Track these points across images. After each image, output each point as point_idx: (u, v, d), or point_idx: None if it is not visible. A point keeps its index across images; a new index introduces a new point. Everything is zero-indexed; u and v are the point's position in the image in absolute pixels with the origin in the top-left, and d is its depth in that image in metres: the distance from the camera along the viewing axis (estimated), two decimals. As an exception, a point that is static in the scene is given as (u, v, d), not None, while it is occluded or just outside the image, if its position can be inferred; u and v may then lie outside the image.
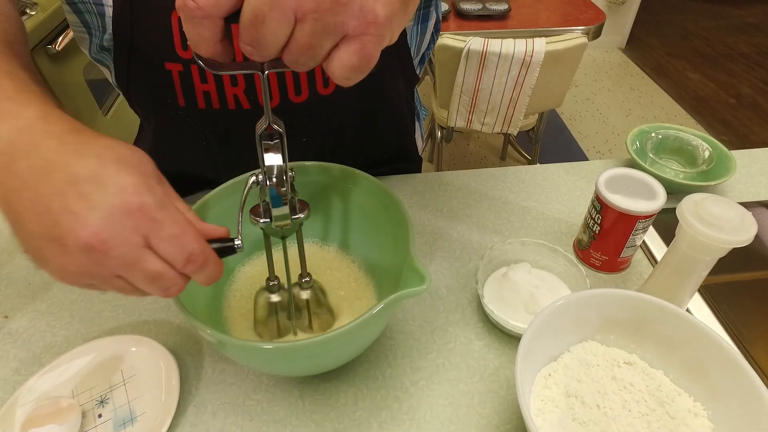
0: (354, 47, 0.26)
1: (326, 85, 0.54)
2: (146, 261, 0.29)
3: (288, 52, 0.26)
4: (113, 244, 0.28)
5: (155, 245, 0.29)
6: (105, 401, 0.44)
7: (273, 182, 0.33)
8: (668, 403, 0.39)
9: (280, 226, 0.37)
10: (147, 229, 0.29)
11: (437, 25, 0.65)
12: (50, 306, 0.53)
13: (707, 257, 0.42)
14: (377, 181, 0.48)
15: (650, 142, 0.69)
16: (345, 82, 0.27)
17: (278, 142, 0.33)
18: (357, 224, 0.52)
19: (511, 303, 0.50)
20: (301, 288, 0.44)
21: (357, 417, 0.44)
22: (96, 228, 0.27)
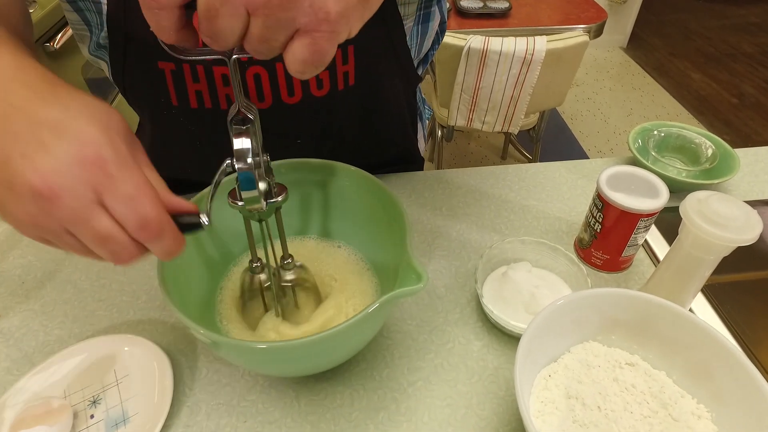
0: (305, 42, 0.26)
1: (320, 86, 0.53)
2: (95, 218, 0.27)
3: (246, 42, 0.26)
4: (62, 194, 0.26)
5: (108, 204, 0.28)
6: (97, 402, 0.44)
7: (242, 165, 0.33)
8: (671, 405, 0.38)
9: (253, 209, 0.36)
10: (101, 185, 0.27)
11: (442, 25, 0.64)
12: (43, 305, 0.52)
13: (711, 256, 0.42)
14: (373, 177, 0.47)
15: (652, 140, 0.68)
16: (300, 75, 0.27)
17: (249, 126, 0.33)
18: (357, 221, 0.51)
19: (510, 303, 0.49)
20: (285, 269, 0.43)
21: (353, 418, 0.43)
22: (47, 175, 0.26)
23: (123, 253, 0.29)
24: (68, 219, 0.27)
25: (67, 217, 0.27)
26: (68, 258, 0.58)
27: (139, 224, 0.28)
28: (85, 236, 0.28)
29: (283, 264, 0.43)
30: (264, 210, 0.37)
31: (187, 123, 0.55)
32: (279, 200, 0.38)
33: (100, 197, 0.27)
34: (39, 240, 0.30)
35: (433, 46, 0.65)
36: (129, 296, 0.53)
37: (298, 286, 0.44)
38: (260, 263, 0.43)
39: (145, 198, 0.28)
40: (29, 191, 0.26)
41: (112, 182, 0.28)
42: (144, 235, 0.29)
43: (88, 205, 0.27)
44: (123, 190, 0.28)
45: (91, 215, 0.27)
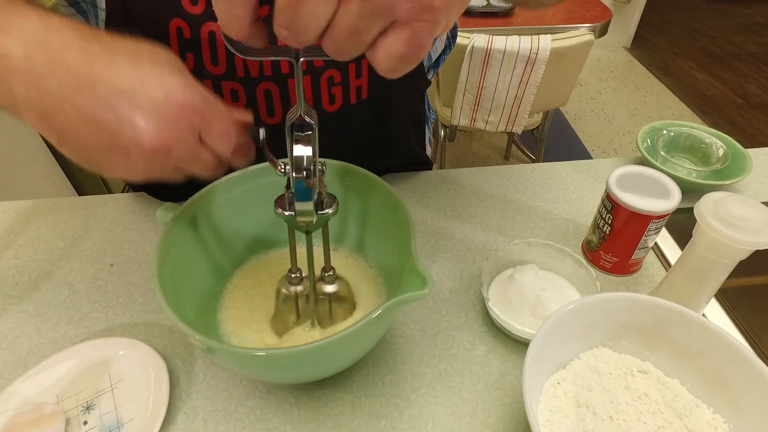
0: (404, 35, 0.23)
1: (332, 101, 0.52)
2: (202, 156, 0.32)
3: (329, 38, 0.23)
4: (174, 145, 0.30)
5: (208, 140, 0.32)
6: (91, 407, 0.42)
7: (300, 175, 0.32)
8: (686, 416, 0.37)
9: (304, 222, 0.35)
10: (200, 126, 0.31)
11: (453, 30, 0.62)
12: (38, 307, 0.51)
13: (727, 259, 0.40)
14: (377, 178, 0.46)
15: (661, 140, 0.67)
16: (391, 73, 0.24)
17: (310, 134, 0.31)
18: (360, 223, 0.50)
19: (517, 306, 0.47)
20: (324, 282, 0.42)
21: (355, 426, 0.42)
22: (156, 134, 0.29)
23: (220, 171, 0.34)
24: (180, 161, 0.31)
25: (179, 160, 0.31)
26: (63, 258, 0.56)
27: (233, 151, 0.33)
28: (193, 168, 0.32)
29: (323, 276, 0.42)
30: (314, 223, 0.35)
31: None
32: (329, 212, 0.36)
33: (202, 137, 0.31)
34: (144, 180, 0.32)
35: (444, 51, 0.64)
36: (125, 298, 0.52)
37: (336, 300, 0.43)
38: (299, 274, 0.42)
39: (233, 129, 0.33)
40: (146, 153, 0.29)
41: (207, 123, 0.31)
42: (236, 158, 0.34)
43: (195, 147, 0.31)
44: (218, 128, 0.32)
45: (199, 154, 0.32)
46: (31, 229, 0.60)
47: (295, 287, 0.42)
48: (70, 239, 0.59)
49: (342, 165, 0.47)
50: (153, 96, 0.29)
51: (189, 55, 0.47)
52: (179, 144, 0.30)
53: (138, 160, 0.29)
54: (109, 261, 0.56)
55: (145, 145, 0.28)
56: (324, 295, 0.42)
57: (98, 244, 0.58)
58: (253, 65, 0.48)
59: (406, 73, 0.24)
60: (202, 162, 0.32)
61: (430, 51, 0.59)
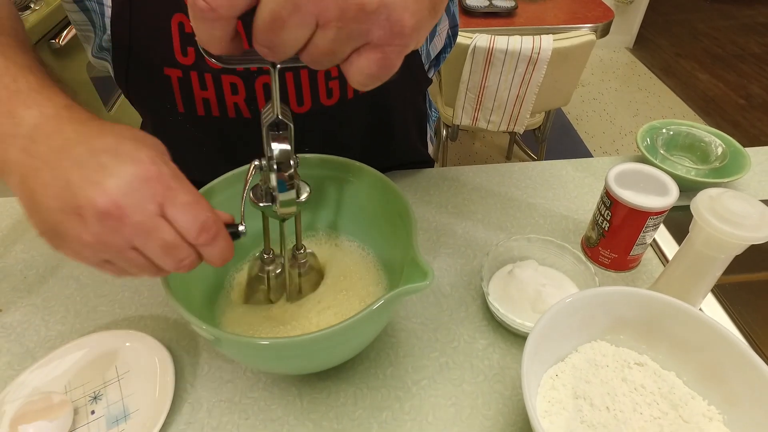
0: (375, 56, 0.24)
1: (329, 95, 0.52)
2: (161, 229, 0.29)
3: (306, 54, 0.25)
4: (130, 210, 0.28)
5: (170, 213, 0.29)
6: (98, 397, 0.43)
7: (279, 170, 0.33)
8: (681, 407, 0.37)
9: (285, 213, 0.37)
10: (162, 196, 0.29)
11: (454, 28, 0.63)
12: (45, 300, 0.52)
13: (723, 255, 0.41)
14: (380, 174, 0.47)
15: (661, 139, 0.67)
16: (362, 87, 0.26)
17: (285, 132, 0.32)
18: (363, 217, 0.50)
19: (517, 301, 0.48)
20: (296, 259, 0.44)
21: (357, 417, 0.42)
22: (114, 195, 0.27)
23: (186, 260, 0.31)
24: (136, 234, 0.28)
25: (134, 233, 0.28)
26: (71, 253, 0.57)
27: (200, 228, 0.30)
28: (151, 249, 0.29)
29: (295, 254, 0.44)
30: (294, 212, 0.37)
31: (194, 130, 0.54)
32: (302, 199, 0.38)
33: (162, 209, 0.29)
34: (96, 263, 0.30)
35: (445, 49, 0.64)
36: (131, 292, 0.53)
37: (306, 274, 0.45)
38: (272, 254, 0.43)
39: (201, 204, 0.30)
40: (97, 212, 0.27)
41: (172, 193, 0.29)
42: (204, 238, 0.30)
43: (153, 217, 0.29)
44: (182, 199, 0.29)
45: (157, 227, 0.29)
46: (38, 225, 0.61)
47: (267, 265, 0.44)
48: (77, 234, 0.60)
49: (343, 161, 0.48)
50: (122, 161, 0.28)
51: (190, 49, 0.47)
52: (135, 209, 0.28)
53: (89, 223, 0.27)
54: (115, 256, 0.57)
55: (99, 205, 0.27)
56: (296, 271, 0.45)
57: (104, 239, 0.59)
58: None
59: (376, 86, 0.26)
60: (161, 238, 0.29)
61: (429, 49, 0.60)
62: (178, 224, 0.29)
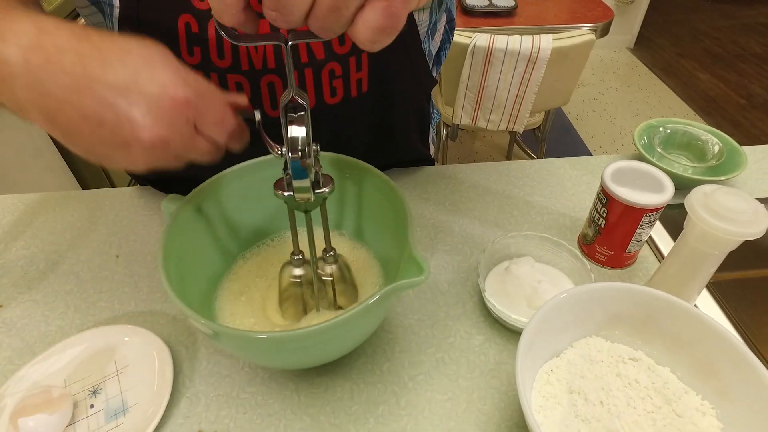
0: (380, 5, 0.25)
1: (333, 94, 0.53)
2: (199, 144, 0.34)
3: (313, 17, 0.25)
4: (171, 138, 0.31)
5: (203, 129, 0.33)
6: (97, 391, 0.44)
7: (295, 154, 0.33)
8: (675, 401, 0.38)
9: (302, 198, 0.37)
10: (194, 117, 0.32)
11: (450, 23, 0.63)
12: (45, 296, 0.53)
13: (717, 251, 0.41)
14: (376, 170, 0.47)
15: (658, 137, 0.68)
16: (371, 45, 0.26)
17: (303, 114, 0.33)
18: (359, 213, 0.51)
19: (513, 297, 0.48)
20: (326, 262, 0.44)
21: (353, 412, 0.43)
22: (154, 129, 0.30)
23: (217, 156, 0.36)
24: (179, 151, 0.33)
25: (178, 151, 0.32)
26: (70, 249, 0.58)
27: (228, 137, 0.35)
28: (191, 156, 0.34)
29: (324, 257, 0.43)
30: (312, 200, 0.37)
31: None
32: (326, 191, 0.38)
33: (196, 126, 0.33)
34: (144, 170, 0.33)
35: (443, 45, 0.65)
36: (130, 287, 0.53)
37: (338, 282, 0.44)
38: (302, 256, 0.43)
39: (226, 117, 0.34)
40: (144, 145, 0.30)
41: (201, 113, 0.33)
42: (231, 142, 0.36)
43: (191, 138, 0.33)
44: (211, 117, 0.33)
45: (195, 143, 0.33)
46: (39, 222, 0.62)
47: (298, 269, 0.43)
48: (77, 231, 0.60)
49: (341, 157, 0.48)
50: (148, 92, 0.30)
51: (196, 49, 0.48)
52: (176, 136, 0.31)
53: (139, 153, 0.31)
54: (114, 252, 0.57)
55: (144, 140, 0.30)
56: (327, 275, 0.44)
57: (104, 236, 0.59)
58: (257, 58, 0.49)
59: (385, 45, 0.26)
60: (199, 150, 0.34)
61: (429, 47, 0.60)
62: (211, 137, 0.34)
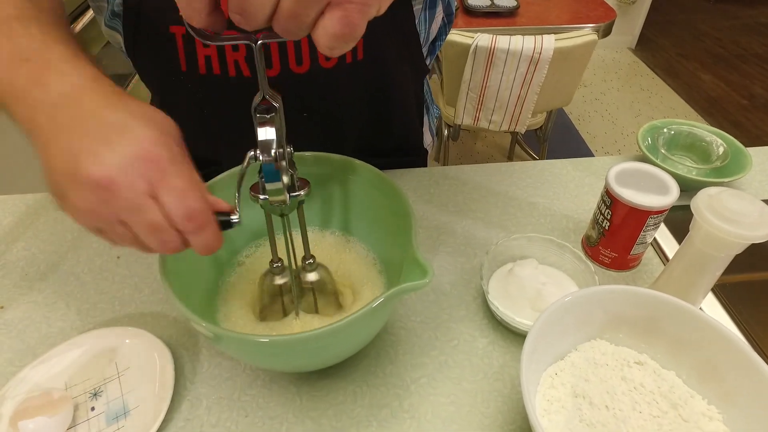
0: (337, 14, 0.25)
1: (328, 57, 0.54)
2: (148, 210, 0.30)
3: (276, 21, 0.26)
4: (120, 186, 0.29)
5: (160, 196, 0.30)
6: (98, 394, 0.43)
7: (267, 157, 0.33)
8: (681, 406, 0.37)
9: (276, 201, 0.36)
10: (155, 178, 0.30)
11: (449, 17, 0.64)
12: (46, 297, 0.52)
13: (722, 253, 0.41)
14: (379, 172, 0.47)
15: (662, 138, 0.67)
16: (330, 51, 0.27)
17: (273, 116, 0.32)
18: (362, 215, 0.51)
19: (516, 300, 0.48)
20: (306, 270, 0.43)
21: (356, 415, 0.42)
22: (108, 168, 0.29)
23: (171, 243, 0.32)
24: (124, 210, 0.30)
25: (122, 206, 0.30)
26: (71, 250, 0.57)
27: (187, 215, 0.31)
28: (137, 225, 0.31)
29: (304, 264, 0.43)
30: (287, 204, 0.36)
31: (195, 90, 0.55)
32: (302, 194, 0.37)
33: (153, 190, 0.30)
34: (92, 229, 0.32)
35: (440, 36, 0.65)
36: (131, 289, 0.53)
37: (319, 290, 0.44)
38: (281, 263, 0.42)
39: (192, 192, 0.31)
40: (91, 182, 0.29)
41: (164, 176, 0.30)
42: (190, 226, 0.31)
43: (142, 196, 0.30)
44: (174, 184, 0.30)
45: (144, 205, 0.30)
46: (40, 222, 0.61)
47: (278, 277, 0.43)
48: (78, 232, 0.60)
49: (347, 159, 0.48)
50: (125, 139, 0.30)
51: None
52: (126, 186, 0.29)
53: (84, 190, 0.29)
54: (115, 253, 0.57)
55: (92, 175, 0.29)
56: (307, 284, 0.43)
57: (105, 237, 0.59)
58: None
59: (344, 52, 0.27)
60: (147, 218, 0.30)
61: (426, 32, 0.60)
62: (166, 208, 0.30)
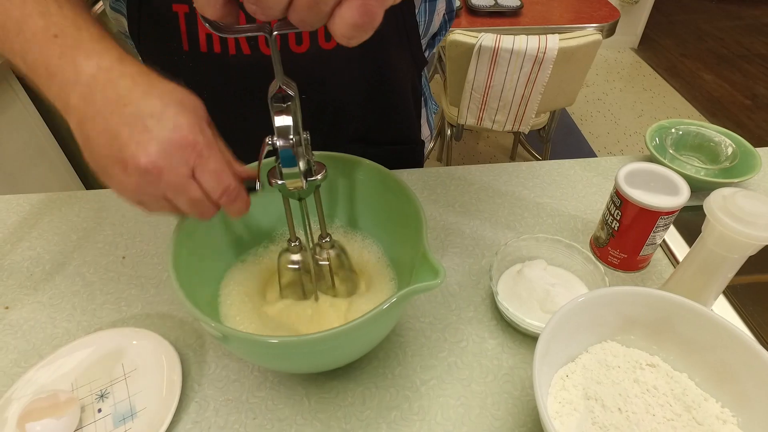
0: (356, 3, 0.25)
1: (328, 39, 0.54)
2: (190, 189, 0.34)
3: (293, 11, 0.26)
4: (165, 171, 0.32)
5: (199, 176, 0.34)
6: (105, 395, 0.43)
7: (283, 143, 0.34)
8: (695, 409, 0.37)
9: (294, 186, 0.37)
10: (195, 162, 0.34)
11: (450, 13, 0.64)
12: (52, 297, 0.52)
13: (736, 255, 0.40)
14: (388, 171, 0.46)
15: (670, 138, 0.67)
16: (347, 41, 0.27)
17: (290, 105, 0.33)
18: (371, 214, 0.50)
19: (526, 301, 0.48)
20: (322, 248, 0.44)
21: (365, 417, 0.42)
22: (154, 156, 0.32)
23: (207, 213, 0.36)
24: (168, 189, 0.34)
25: (167, 188, 0.33)
26: (77, 250, 0.57)
27: (222, 192, 0.35)
28: (180, 202, 0.35)
29: (321, 243, 0.44)
30: (304, 188, 0.37)
31: (197, 69, 0.55)
32: (318, 178, 0.38)
33: (194, 172, 0.34)
34: (135, 203, 0.35)
35: (440, 32, 0.65)
36: (137, 289, 0.53)
37: (335, 268, 0.44)
38: (299, 242, 0.43)
39: (226, 172, 0.35)
40: (140, 169, 0.32)
41: (203, 161, 0.34)
42: (225, 199, 0.36)
43: (185, 179, 0.34)
44: (211, 167, 0.34)
45: (187, 186, 0.34)
46: (44, 222, 0.61)
47: (295, 255, 0.44)
48: (83, 232, 0.60)
49: (355, 158, 0.47)
50: (164, 126, 0.32)
51: None
52: (170, 171, 0.33)
53: (132, 175, 0.33)
54: (121, 253, 0.57)
55: (140, 163, 0.32)
56: (324, 260, 0.44)
57: (110, 237, 0.59)
58: None
59: (362, 41, 0.27)
60: (189, 196, 0.34)
61: (424, 25, 0.60)
62: (205, 186, 0.35)
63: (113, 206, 0.63)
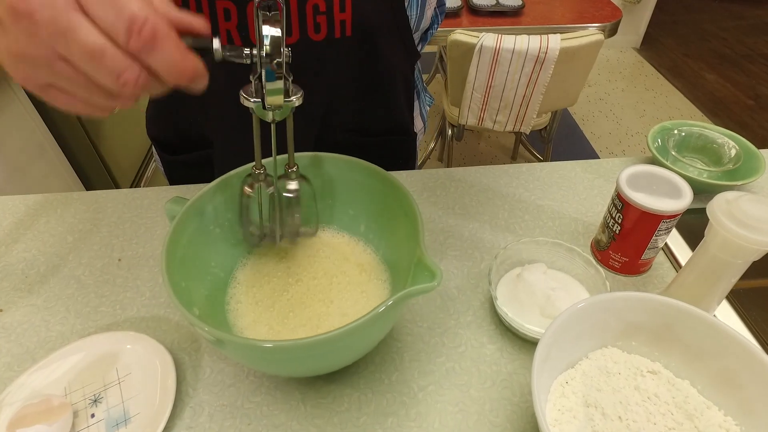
0: None
1: (317, 30, 0.53)
2: (79, 27, 0.24)
3: None
4: (38, 5, 0.24)
5: (88, 8, 0.24)
6: (98, 400, 0.42)
7: (268, 55, 0.31)
8: (697, 417, 0.36)
9: (273, 104, 0.34)
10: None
11: (441, 6, 0.65)
12: (46, 300, 0.51)
13: (739, 260, 0.39)
14: (385, 173, 0.46)
15: (672, 140, 0.66)
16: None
17: (276, 14, 0.31)
18: (367, 215, 0.50)
19: (525, 305, 0.47)
20: (288, 178, 0.42)
21: (361, 423, 0.41)
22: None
23: (127, 72, 0.26)
24: (51, 34, 0.24)
25: (49, 31, 0.24)
26: (72, 252, 0.57)
27: (128, 27, 0.24)
28: (76, 54, 0.25)
29: (287, 172, 0.42)
30: (282, 107, 0.35)
31: None
32: (294, 100, 0.36)
33: (79, 3, 0.25)
34: (37, 86, 0.27)
35: (432, 26, 0.65)
36: (132, 292, 0.52)
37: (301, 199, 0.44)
38: (263, 170, 0.42)
39: (134, 1, 0.25)
40: (10, 15, 0.24)
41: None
42: (136, 41, 0.25)
43: (67, 11, 0.24)
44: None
45: (73, 22, 0.24)
46: (40, 223, 0.60)
47: (259, 183, 0.42)
48: (79, 233, 0.59)
49: (351, 159, 0.47)
50: None
51: None
52: (44, 3, 0.24)
53: (10, 29, 0.25)
54: (117, 255, 0.56)
55: (8, 4, 0.24)
56: (289, 192, 0.43)
57: (106, 239, 0.58)
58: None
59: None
60: (81, 41, 0.25)
61: (415, 18, 0.60)
62: (100, 22, 0.25)
63: (109, 208, 0.62)
